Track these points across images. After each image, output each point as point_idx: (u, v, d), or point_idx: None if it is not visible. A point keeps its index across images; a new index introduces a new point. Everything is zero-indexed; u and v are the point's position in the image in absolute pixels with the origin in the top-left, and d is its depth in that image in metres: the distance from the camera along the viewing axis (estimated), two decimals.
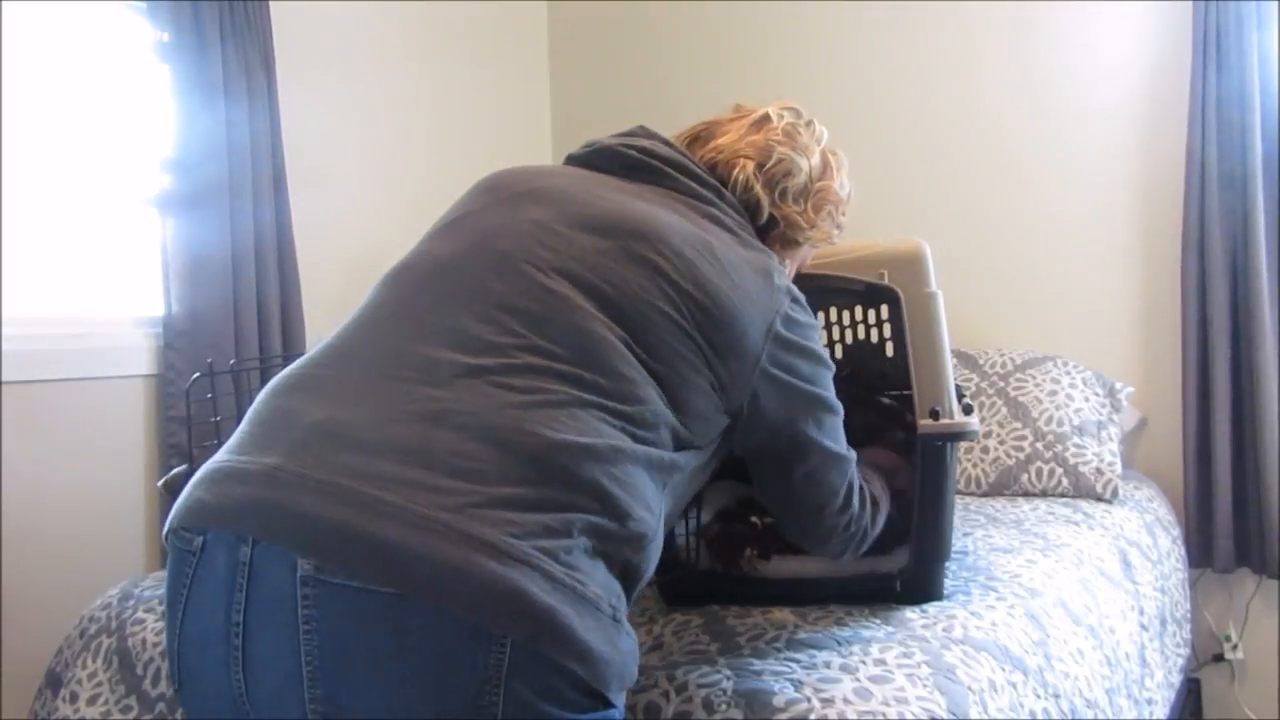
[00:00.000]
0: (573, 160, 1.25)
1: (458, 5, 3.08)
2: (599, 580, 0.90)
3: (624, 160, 1.19)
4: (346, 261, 2.70)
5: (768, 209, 1.24)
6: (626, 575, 0.96)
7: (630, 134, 1.25)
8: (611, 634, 0.90)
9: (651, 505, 0.98)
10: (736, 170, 1.23)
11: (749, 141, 1.25)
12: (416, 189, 2.91)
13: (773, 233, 1.26)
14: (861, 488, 1.26)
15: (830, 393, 1.18)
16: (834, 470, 1.20)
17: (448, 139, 3.03)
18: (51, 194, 2.13)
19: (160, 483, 1.54)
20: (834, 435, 1.19)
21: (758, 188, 1.23)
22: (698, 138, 1.29)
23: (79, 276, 2.17)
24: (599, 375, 0.98)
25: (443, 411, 0.92)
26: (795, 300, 1.15)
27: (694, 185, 1.17)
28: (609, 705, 0.90)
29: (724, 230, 1.14)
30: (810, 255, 1.38)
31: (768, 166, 1.24)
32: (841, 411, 1.20)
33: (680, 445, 1.05)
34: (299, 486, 0.89)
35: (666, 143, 1.23)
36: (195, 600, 0.93)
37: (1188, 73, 2.55)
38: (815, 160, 1.28)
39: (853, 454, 1.23)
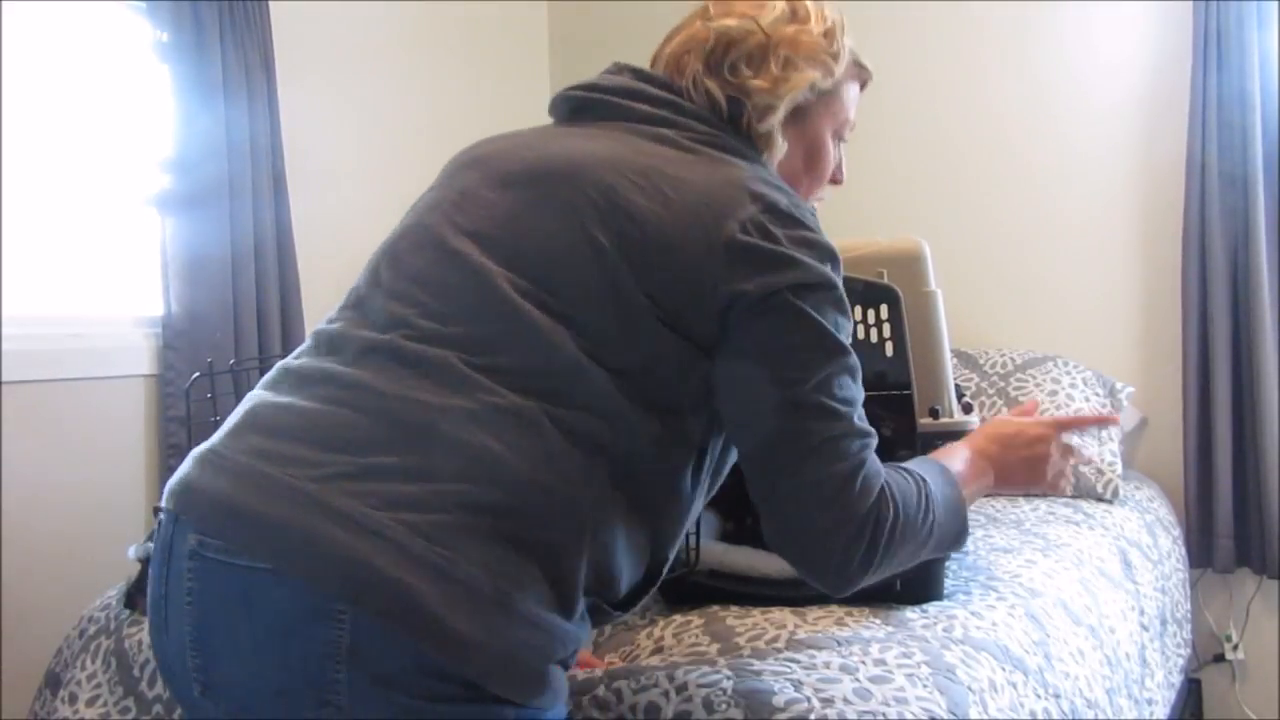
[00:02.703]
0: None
1: (457, 5, 3.08)
2: (479, 559, 0.85)
3: (571, 104, 1.14)
4: (346, 262, 2.70)
5: (723, 98, 1.09)
6: (559, 562, 0.89)
7: (601, 74, 1.16)
8: (493, 619, 0.84)
9: (585, 480, 0.91)
10: (686, 72, 1.10)
11: (689, 35, 1.13)
12: (416, 189, 2.89)
13: (746, 118, 1.09)
14: (885, 480, 1.00)
15: (838, 334, 0.99)
16: (836, 443, 0.96)
17: (447, 139, 3.02)
18: (51, 194, 2.12)
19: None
20: (840, 390, 0.98)
21: (707, 81, 1.09)
22: (658, 57, 1.18)
23: (79, 276, 2.17)
24: (501, 337, 0.94)
25: (343, 388, 0.94)
26: (773, 209, 0.98)
27: (645, 109, 1.07)
28: (503, 703, 0.85)
29: (679, 150, 1.03)
30: (845, 102, 1.22)
31: (707, 50, 1.10)
32: (857, 365, 1.01)
33: (645, 405, 0.95)
34: (213, 465, 0.93)
35: (633, 70, 1.13)
36: (149, 573, 0.99)
37: (1188, 73, 2.55)
38: (772, 15, 1.11)
39: (868, 430, 1.01)
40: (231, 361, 2.15)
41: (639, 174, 0.99)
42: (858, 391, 1.01)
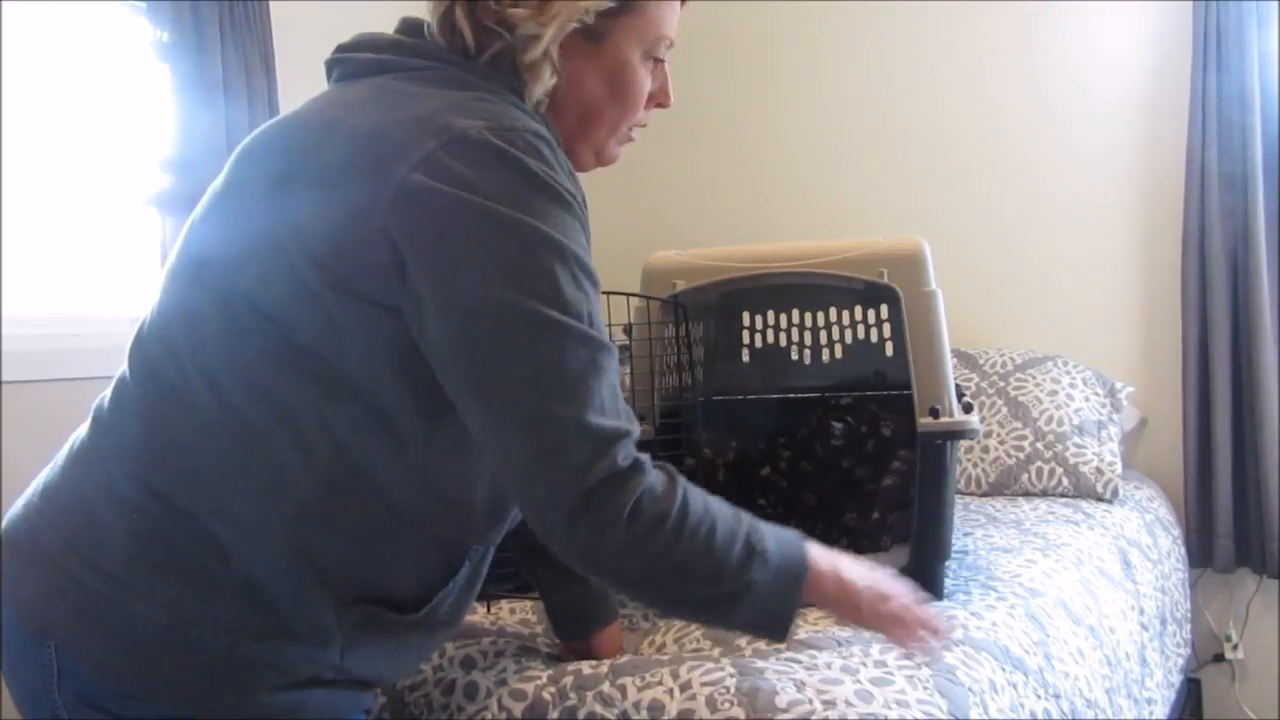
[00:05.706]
0: None
1: None
2: (145, 588, 0.86)
3: (326, 69, 1.05)
4: None
5: (468, 29, 0.96)
6: (266, 587, 0.87)
7: None
8: (156, 647, 0.86)
9: (264, 486, 0.87)
10: (438, 8, 0.99)
11: None
12: None
13: (503, 50, 0.96)
14: (635, 462, 0.86)
15: (556, 291, 0.83)
16: (540, 391, 0.83)
17: None
18: (51, 194, 2.12)
19: None
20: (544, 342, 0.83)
21: (459, 14, 0.97)
22: None
23: (79, 276, 2.17)
24: (157, 346, 0.94)
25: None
26: (461, 139, 0.84)
27: (366, 56, 0.99)
28: None
29: (375, 92, 0.93)
30: (654, 20, 1.07)
31: None
32: (573, 310, 0.84)
33: (330, 386, 0.86)
34: None
35: (403, 19, 1.04)
36: None
37: (1188, 73, 2.55)
38: None
39: (603, 357, 0.86)
40: None
41: (311, 132, 0.91)
42: (584, 370, 0.84)
